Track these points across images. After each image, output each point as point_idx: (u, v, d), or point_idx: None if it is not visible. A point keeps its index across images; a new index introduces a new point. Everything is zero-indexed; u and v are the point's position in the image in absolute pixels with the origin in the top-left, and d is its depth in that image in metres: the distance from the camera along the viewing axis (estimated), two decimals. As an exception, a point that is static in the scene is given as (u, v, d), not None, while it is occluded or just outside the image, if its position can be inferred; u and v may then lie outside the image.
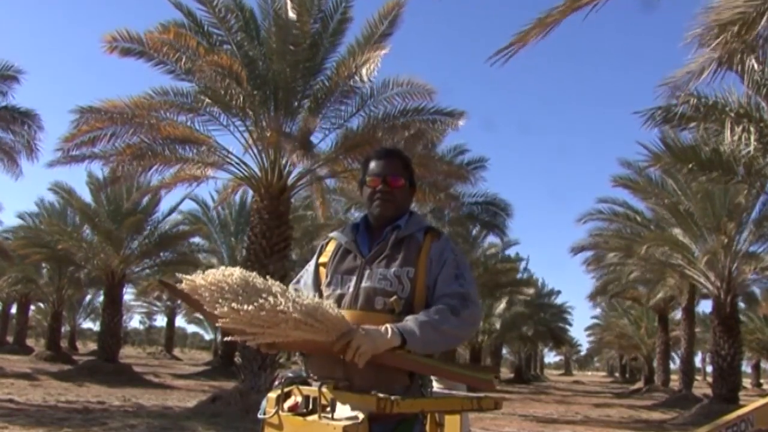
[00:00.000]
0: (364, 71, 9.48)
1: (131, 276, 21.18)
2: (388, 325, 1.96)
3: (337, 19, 10.61)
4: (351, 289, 2.14)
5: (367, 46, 10.17)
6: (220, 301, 1.80)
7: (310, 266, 2.35)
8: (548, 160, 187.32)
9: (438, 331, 2.01)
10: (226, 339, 1.97)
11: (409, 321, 2.01)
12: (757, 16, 6.01)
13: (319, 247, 2.38)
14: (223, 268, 1.91)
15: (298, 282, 2.37)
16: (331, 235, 2.36)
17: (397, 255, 2.14)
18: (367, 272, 2.14)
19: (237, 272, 1.86)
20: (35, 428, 7.37)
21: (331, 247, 2.31)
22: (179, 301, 36.16)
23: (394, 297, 2.07)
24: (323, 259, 2.30)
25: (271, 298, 1.78)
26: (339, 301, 2.14)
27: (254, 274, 1.91)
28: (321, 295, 2.22)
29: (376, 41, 10.15)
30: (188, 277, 1.89)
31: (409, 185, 2.29)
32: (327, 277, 2.24)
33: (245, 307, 1.76)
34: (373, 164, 2.27)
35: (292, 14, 10.16)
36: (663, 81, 7.24)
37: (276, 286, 1.88)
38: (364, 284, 2.13)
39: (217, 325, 1.83)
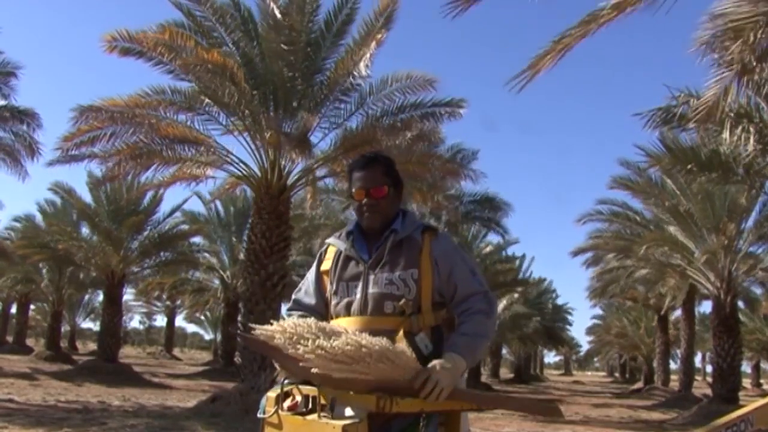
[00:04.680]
0: (362, 65, 9.43)
1: (131, 276, 21.15)
2: (450, 354, 2.01)
3: (341, 19, 10.49)
4: (359, 296, 2.16)
5: (363, 43, 10.09)
6: (302, 341, 1.85)
7: (311, 275, 2.35)
8: (548, 160, 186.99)
9: (486, 340, 2.15)
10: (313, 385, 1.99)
11: (462, 339, 2.07)
12: None
13: (318, 254, 2.39)
14: (294, 317, 2.02)
15: (299, 291, 2.38)
16: (329, 241, 2.36)
17: (398, 258, 2.16)
18: (371, 277, 2.16)
19: (311, 320, 1.95)
20: (35, 428, 7.36)
21: (330, 254, 2.31)
22: (179, 301, 36.44)
23: (403, 300, 2.10)
24: (324, 266, 2.31)
25: (352, 335, 1.86)
26: (348, 308, 2.17)
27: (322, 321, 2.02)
28: (327, 304, 2.27)
29: (373, 38, 10.08)
30: (261, 327, 1.95)
31: (395, 186, 2.28)
32: (332, 285, 2.25)
33: (332, 341, 1.82)
34: (355, 175, 2.27)
35: (285, 13, 10.08)
36: (696, 113, 6.98)
37: (345, 326, 2.00)
38: (371, 290, 2.15)
39: (301, 364, 1.85)
